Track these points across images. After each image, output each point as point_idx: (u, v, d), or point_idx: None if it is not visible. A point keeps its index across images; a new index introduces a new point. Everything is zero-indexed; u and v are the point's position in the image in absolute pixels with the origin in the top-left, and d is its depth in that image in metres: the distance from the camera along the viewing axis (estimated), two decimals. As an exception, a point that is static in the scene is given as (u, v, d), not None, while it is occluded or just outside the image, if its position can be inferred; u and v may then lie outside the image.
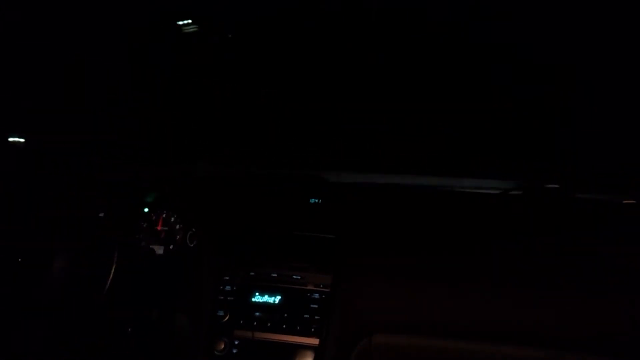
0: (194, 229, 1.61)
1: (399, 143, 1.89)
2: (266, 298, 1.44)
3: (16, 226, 1.60)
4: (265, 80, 2.07)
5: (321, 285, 1.43)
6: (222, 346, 1.38)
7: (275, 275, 1.47)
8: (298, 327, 1.39)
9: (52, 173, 1.74)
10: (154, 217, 1.64)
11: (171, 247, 1.62)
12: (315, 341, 1.37)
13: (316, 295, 1.42)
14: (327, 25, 1.90)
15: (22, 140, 1.84)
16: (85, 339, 1.54)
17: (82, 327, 1.55)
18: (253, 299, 1.44)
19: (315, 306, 1.41)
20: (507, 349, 1.35)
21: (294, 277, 1.45)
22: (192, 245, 1.60)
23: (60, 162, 1.78)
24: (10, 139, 1.84)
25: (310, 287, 1.44)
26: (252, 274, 1.48)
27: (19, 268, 1.55)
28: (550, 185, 1.54)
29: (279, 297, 1.43)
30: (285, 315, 1.41)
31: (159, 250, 1.61)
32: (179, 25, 1.93)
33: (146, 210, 1.63)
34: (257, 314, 1.42)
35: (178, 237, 1.62)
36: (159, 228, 1.63)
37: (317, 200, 1.64)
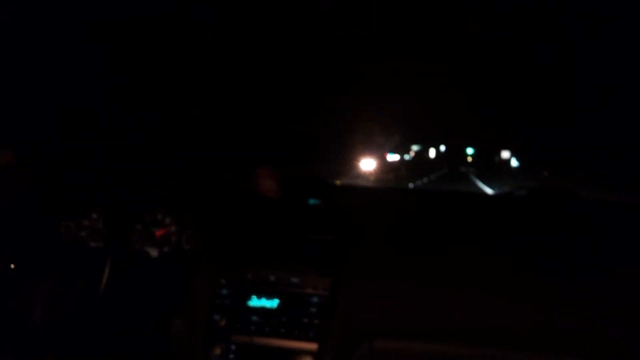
0: (189, 231, 1.58)
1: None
2: (264, 302, 1.41)
3: (9, 231, 1.58)
4: (262, 80, 2.05)
5: (320, 289, 1.40)
6: (219, 351, 1.35)
7: (273, 278, 1.43)
8: (297, 332, 1.36)
9: (45, 176, 1.70)
10: (148, 219, 1.61)
11: (166, 249, 1.58)
12: (314, 346, 1.34)
13: (315, 299, 1.39)
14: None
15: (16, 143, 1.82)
16: (80, 345, 1.51)
17: (77, 332, 1.52)
18: (250, 303, 1.41)
19: (314, 310, 1.38)
20: (510, 353, 1.33)
21: (293, 280, 1.42)
22: (187, 247, 1.57)
23: (52, 165, 1.75)
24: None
25: (309, 291, 1.40)
26: (249, 277, 1.45)
27: (12, 274, 1.53)
28: (555, 186, 1.52)
29: (277, 301, 1.40)
30: (284, 319, 1.38)
31: (154, 252, 1.58)
32: (176, 24, 1.90)
33: (140, 211, 1.60)
34: (255, 318, 1.39)
35: (173, 239, 1.59)
36: (153, 230, 1.60)
37: (316, 202, 1.61)
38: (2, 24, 1.58)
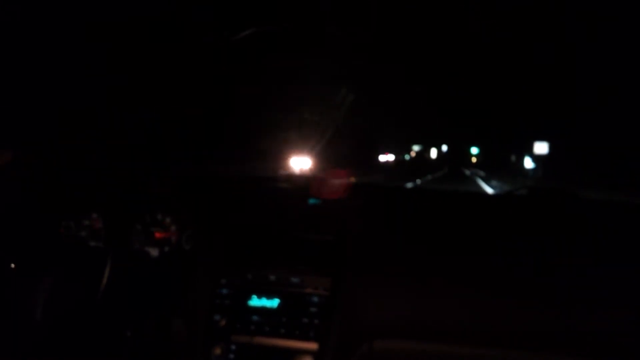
0: (189, 231, 1.57)
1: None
2: (264, 302, 1.40)
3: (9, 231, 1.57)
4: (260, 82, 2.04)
5: (320, 289, 1.40)
6: (219, 351, 1.35)
7: (273, 278, 1.43)
8: (297, 332, 1.35)
9: (45, 176, 1.70)
10: (148, 219, 1.61)
11: (166, 249, 1.58)
12: (314, 346, 1.33)
13: (315, 299, 1.39)
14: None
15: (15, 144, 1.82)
16: (80, 345, 1.51)
17: (77, 332, 1.52)
18: (250, 303, 1.41)
19: (315, 310, 1.38)
20: (510, 353, 1.33)
21: (293, 280, 1.42)
22: (187, 247, 1.57)
23: (52, 165, 1.75)
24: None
25: (309, 291, 1.40)
26: (250, 277, 1.45)
27: (12, 274, 1.52)
28: (555, 186, 1.51)
29: (277, 301, 1.40)
30: (284, 319, 1.37)
31: (154, 252, 1.58)
32: (177, 26, 1.90)
33: (140, 211, 1.60)
34: (255, 318, 1.39)
35: (173, 239, 1.59)
36: (153, 230, 1.60)
37: (316, 202, 1.61)
38: (2, 24, 1.58)
